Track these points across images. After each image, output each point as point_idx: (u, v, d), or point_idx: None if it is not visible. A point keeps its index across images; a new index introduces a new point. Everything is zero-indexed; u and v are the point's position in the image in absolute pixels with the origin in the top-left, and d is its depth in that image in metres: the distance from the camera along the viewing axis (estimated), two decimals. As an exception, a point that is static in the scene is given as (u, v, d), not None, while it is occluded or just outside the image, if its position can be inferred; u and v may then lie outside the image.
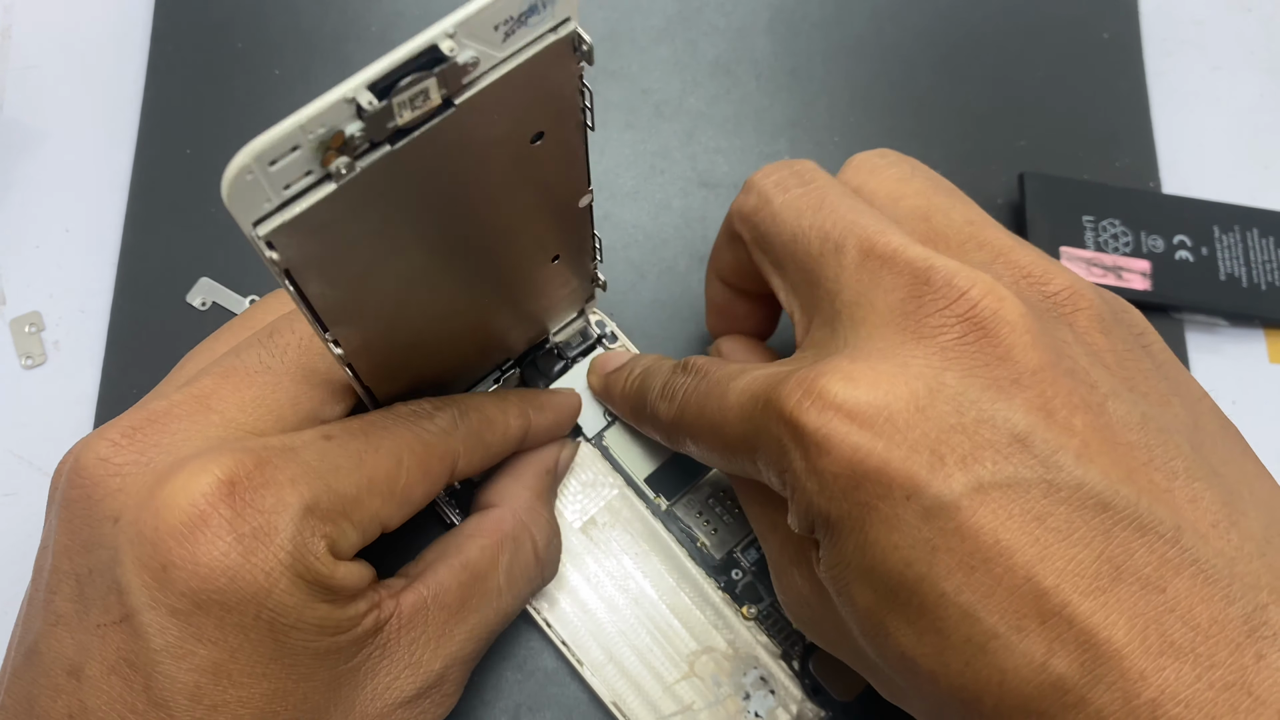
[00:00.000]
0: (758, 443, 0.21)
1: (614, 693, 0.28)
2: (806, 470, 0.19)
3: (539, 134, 0.20)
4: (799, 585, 0.22)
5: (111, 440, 0.21)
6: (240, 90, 0.36)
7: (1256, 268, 0.34)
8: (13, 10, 0.37)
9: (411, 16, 0.37)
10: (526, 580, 0.26)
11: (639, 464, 0.30)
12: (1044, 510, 0.17)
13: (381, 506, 0.22)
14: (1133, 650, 0.16)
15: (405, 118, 0.17)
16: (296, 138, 0.16)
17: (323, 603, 0.20)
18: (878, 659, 0.20)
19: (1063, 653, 0.17)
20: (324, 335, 0.20)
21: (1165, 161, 0.37)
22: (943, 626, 0.18)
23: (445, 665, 0.23)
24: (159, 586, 0.19)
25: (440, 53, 0.17)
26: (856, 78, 0.37)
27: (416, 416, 0.24)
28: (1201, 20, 0.39)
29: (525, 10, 0.17)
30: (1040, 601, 0.17)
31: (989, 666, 0.17)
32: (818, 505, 0.19)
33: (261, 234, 0.17)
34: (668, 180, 0.36)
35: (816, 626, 0.23)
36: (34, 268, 0.34)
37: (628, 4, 0.38)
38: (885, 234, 0.21)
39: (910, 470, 0.18)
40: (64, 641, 0.20)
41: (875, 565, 0.18)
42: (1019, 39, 0.38)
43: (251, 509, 0.19)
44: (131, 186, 0.35)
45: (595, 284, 0.29)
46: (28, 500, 0.31)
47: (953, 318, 0.19)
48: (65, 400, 0.32)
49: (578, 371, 0.31)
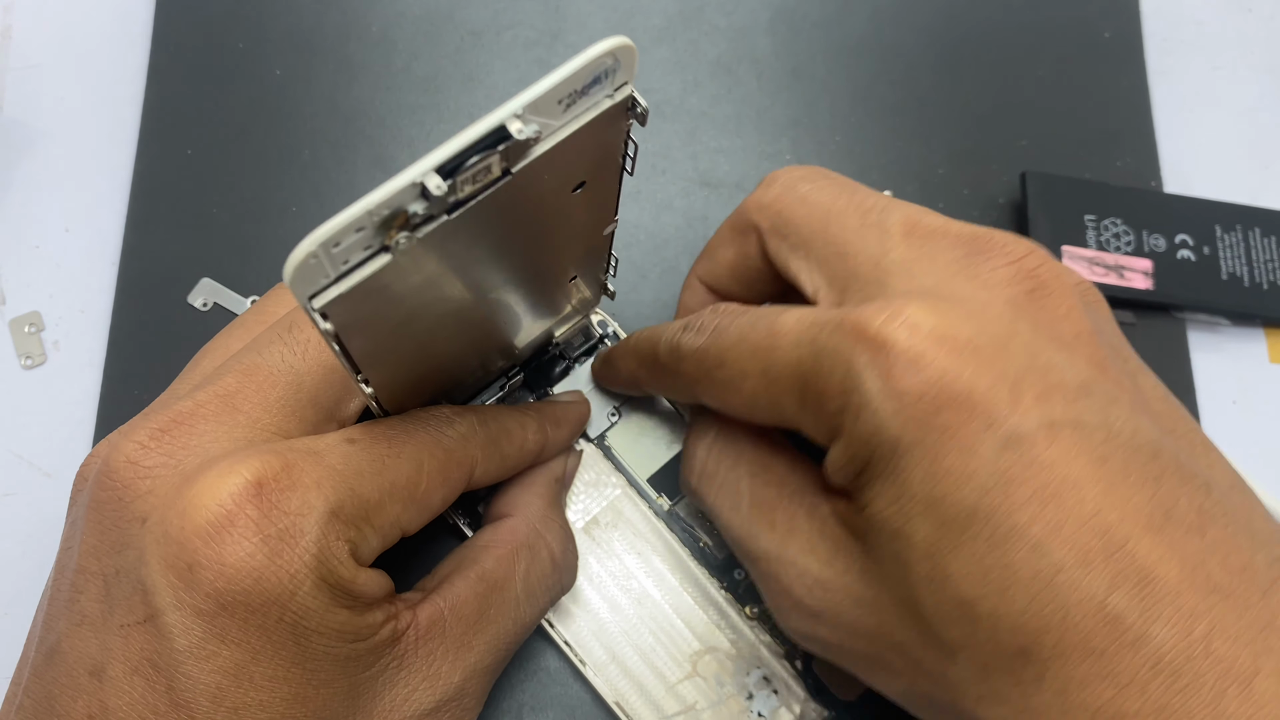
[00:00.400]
0: (815, 366, 0.20)
1: (617, 692, 0.28)
2: (884, 391, 0.19)
3: (581, 183, 0.21)
4: (813, 569, 0.22)
5: (139, 442, 0.21)
6: (241, 90, 0.36)
7: (1258, 267, 0.34)
8: (13, 10, 0.37)
9: (412, 16, 0.37)
10: (545, 589, 0.26)
11: (641, 464, 0.30)
12: (1106, 452, 0.18)
13: (402, 511, 0.22)
14: (1185, 588, 0.17)
15: (466, 191, 0.17)
16: (362, 222, 0.16)
17: (343, 608, 0.20)
18: (929, 609, 0.19)
19: (1124, 588, 0.17)
20: (356, 378, 0.21)
21: (1167, 161, 0.37)
22: (1011, 560, 0.18)
23: (465, 677, 0.23)
24: (184, 587, 0.19)
25: (507, 133, 0.17)
26: (857, 77, 0.37)
27: (437, 422, 0.24)
28: (1202, 20, 0.39)
29: (589, 83, 0.18)
30: (1106, 536, 0.17)
31: (1054, 602, 0.17)
32: (889, 429, 0.19)
33: (317, 306, 0.17)
34: (669, 180, 0.36)
35: (828, 618, 0.22)
36: (34, 268, 0.34)
37: (628, 4, 0.38)
38: (928, 213, 0.22)
39: (993, 399, 0.18)
40: (87, 641, 0.20)
41: (946, 494, 0.18)
42: (1020, 38, 0.38)
43: (278, 510, 0.19)
44: (132, 186, 0.35)
45: (605, 293, 0.29)
46: (28, 500, 0.31)
47: (1021, 273, 0.20)
48: (65, 400, 0.32)
49: (579, 373, 0.31)
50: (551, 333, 0.30)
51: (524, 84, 0.36)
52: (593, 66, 0.17)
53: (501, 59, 0.37)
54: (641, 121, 0.20)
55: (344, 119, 0.36)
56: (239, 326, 0.25)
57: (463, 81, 0.36)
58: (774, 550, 0.23)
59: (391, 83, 0.36)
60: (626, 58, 0.18)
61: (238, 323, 0.25)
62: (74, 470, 0.31)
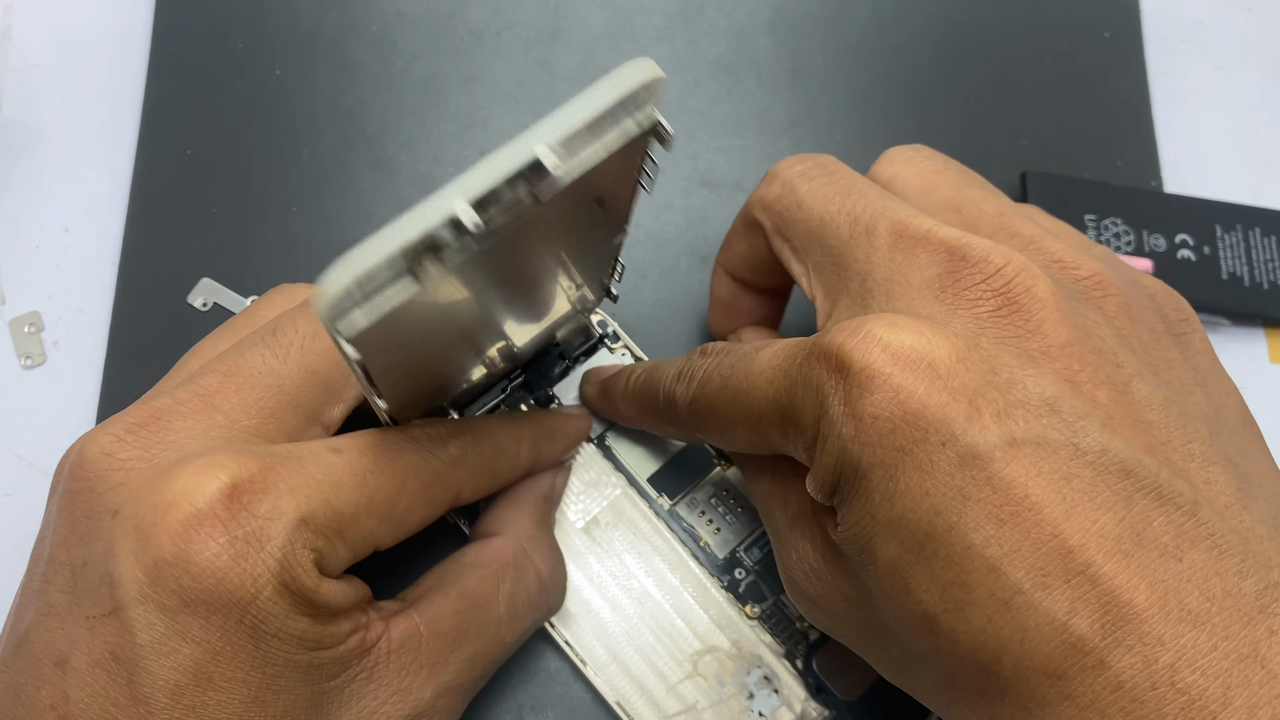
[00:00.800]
0: (790, 399, 0.20)
1: (617, 692, 0.28)
2: (845, 414, 0.19)
3: (599, 200, 0.21)
4: (810, 558, 0.22)
5: (115, 435, 0.21)
6: (241, 90, 0.36)
7: (1258, 267, 0.34)
8: (13, 10, 0.37)
9: (413, 16, 0.37)
10: (530, 609, 0.26)
11: (641, 464, 0.30)
12: (1071, 471, 0.18)
13: (377, 527, 0.22)
14: (1153, 614, 0.17)
15: (497, 222, 0.17)
16: (396, 262, 0.16)
17: (305, 616, 0.20)
18: (894, 622, 0.19)
19: (1085, 613, 0.17)
20: (374, 396, 0.21)
21: (1167, 161, 0.37)
22: (968, 580, 0.18)
23: (437, 694, 0.23)
24: (150, 582, 0.19)
25: (544, 168, 0.17)
26: (857, 77, 0.37)
27: (430, 441, 0.23)
28: (1202, 20, 0.39)
29: (619, 112, 0.18)
30: (1066, 559, 0.17)
31: (1011, 624, 0.17)
32: (851, 452, 0.19)
33: (346, 335, 0.17)
34: (669, 180, 0.36)
35: (823, 604, 0.22)
36: (34, 268, 0.34)
37: (628, 4, 0.38)
38: (917, 217, 0.22)
39: (948, 416, 0.18)
40: (54, 632, 0.20)
41: (904, 515, 0.18)
42: (1020, 38, 0.38)
43: (247, 513, 0.19)
44: (132, 186, 0.35)
45: (607, 295, 0.29)
46: (28, 500, 0.31)
47: (988, 291, 0.20)
48: (65, 400, 0.32)
49: (579, 373, 0.31)
50: (553, 333, 0.30)
51: (524, 84, 0.36)
52: (627, 102, 0.17)
53: (501, 59, 0.37)
54: (666, 146, 0.19)
55: (344, 119, 0.36)
56: (228, 329, 0.25)
57: (463, 81, 0.36)
58: (783, 530, 0.23)
59: (391, 83, 0.36)
60: (657, 90, 0.18)
61: (228, 325, 0.25)
62: (74, 470, 0.31)
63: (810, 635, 0.29)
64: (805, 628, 0.29)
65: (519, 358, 0.29)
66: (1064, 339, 0.19)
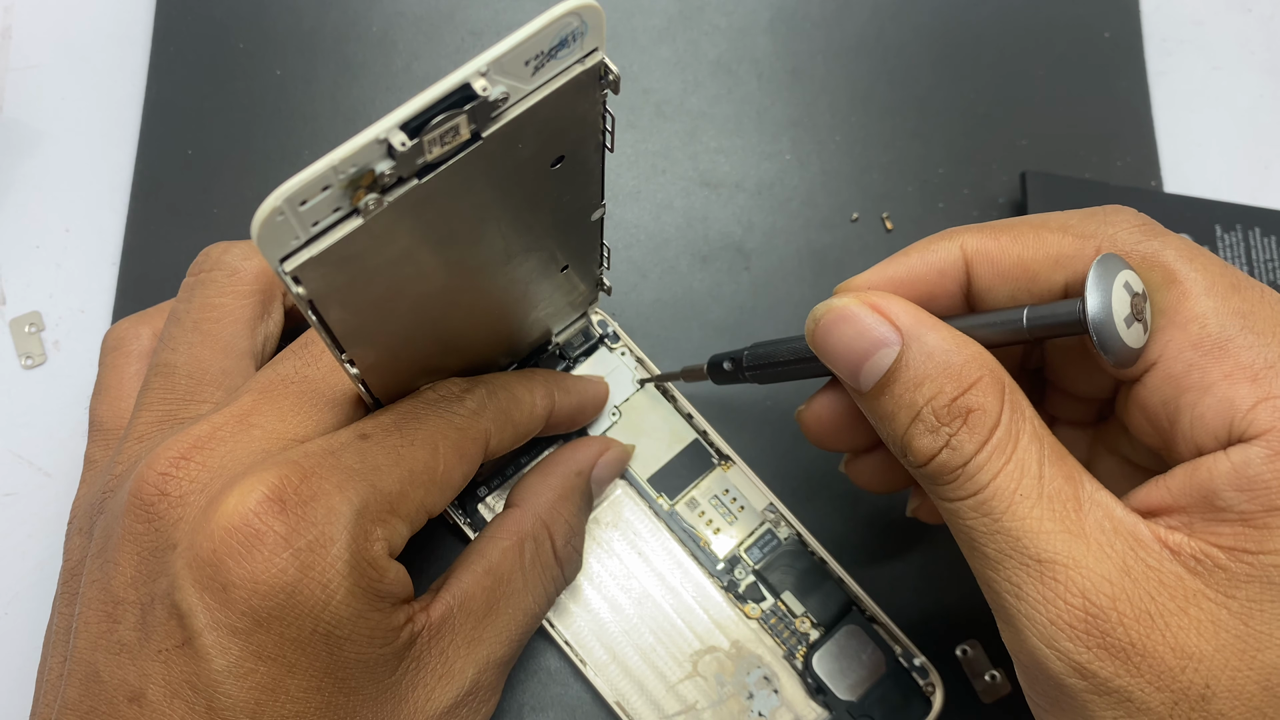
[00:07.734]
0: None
1: (617, 692, 0.28)
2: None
3: (559, 157, 0.21)
4: (1114, 578, 0.18)
5: (163, 472, 0.21)
6: (241, 90, 0.36)
7: (1258, 266, 0.34)
8: (13, 10, 0.37)
9: (412, 16, 0.37)
10: (547, 579, 0.26)
11: (641, 464, 0.30)
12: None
13: (425, 496, 0.22)
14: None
15: (434, 154, 0.17)
16: (328, 178, 0.16)
17: (375, 611, 0.21)
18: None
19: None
20: (340, 356, 0.21)
21: (1167, 161, 0.37)
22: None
23: (478, 670, 0.23)
24: (220, 607, 0.19)
25: (472, 91, 0.17)
26: (857, 77, 0.37)
27: (447, 401, 0.24)
28: (1201, 20, 0.39)
29: (556, 45, 0.17)
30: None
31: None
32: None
33: (289, 269, 0.17)
34: (669, 180, 0.36)
35: (1135, 649, 0.18)
36: (34, 268, 0.34)
37: (629, 4, 0.38)
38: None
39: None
40: (126, 669, 0.20)
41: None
42: (1020, 38, 0.38)
43: (305, 522, 0.20)
44: (132, 187, 0.35)
45: (600, 288, 0.29)
46: (28, 500, 0.31)
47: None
48: (65, 400, 0.32)
49: (580, 372, 0.31)
50: (550, 330, 0.30)
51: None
52: (557, 26, 0.17)
53: (501, 59, 0.37)
54: (614, 89, 0.19)
55: (344, 119, 0.36)
56: (142, 321, 0.27)
57: (463, 81, 0.36)
58: (1063, 553, 0.19)
59: (391, 83, 0.36)
60: (593, 19, 0.18)
61: (139, 317, 0.27)
62: (75, 470, 0.31)
63: (810, 636, 0.29)
64: (805, 628, 0.29)
65: (516, 353, 0.29)
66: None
